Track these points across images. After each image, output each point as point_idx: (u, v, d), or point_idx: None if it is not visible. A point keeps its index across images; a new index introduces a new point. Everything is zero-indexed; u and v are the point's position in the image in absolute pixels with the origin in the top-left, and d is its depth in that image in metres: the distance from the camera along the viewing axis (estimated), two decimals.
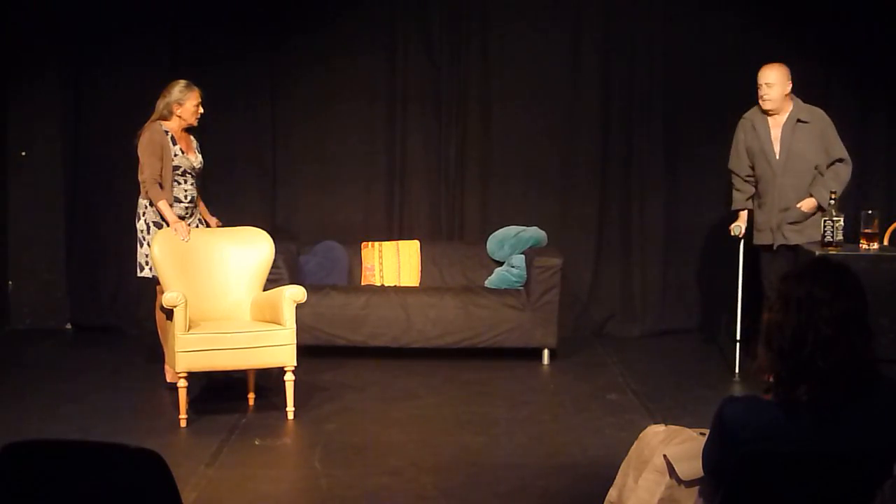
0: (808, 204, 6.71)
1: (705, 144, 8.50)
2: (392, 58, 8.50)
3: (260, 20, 8.43)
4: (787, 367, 2.95)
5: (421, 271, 8.09)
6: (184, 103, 6.65)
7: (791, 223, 6.75)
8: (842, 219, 5.84)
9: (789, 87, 6.81)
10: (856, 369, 2.93)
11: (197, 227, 6.77)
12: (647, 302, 8.63)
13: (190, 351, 5.95)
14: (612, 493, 3.82)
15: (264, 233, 6.69)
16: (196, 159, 6.76)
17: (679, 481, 3.39)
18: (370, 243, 8.15)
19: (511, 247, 8.02)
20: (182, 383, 5.95)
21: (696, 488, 3.34)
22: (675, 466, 3.40)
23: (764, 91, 6.83)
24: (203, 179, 6.97)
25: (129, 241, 7.03)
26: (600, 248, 8.62)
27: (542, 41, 8.49)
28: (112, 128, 8.08)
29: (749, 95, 8.38)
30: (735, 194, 7.15)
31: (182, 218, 6.65)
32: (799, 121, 6.80)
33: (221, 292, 6.48)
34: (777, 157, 6.82)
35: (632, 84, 8.52)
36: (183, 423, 5.96)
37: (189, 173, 6.69)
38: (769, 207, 6.85)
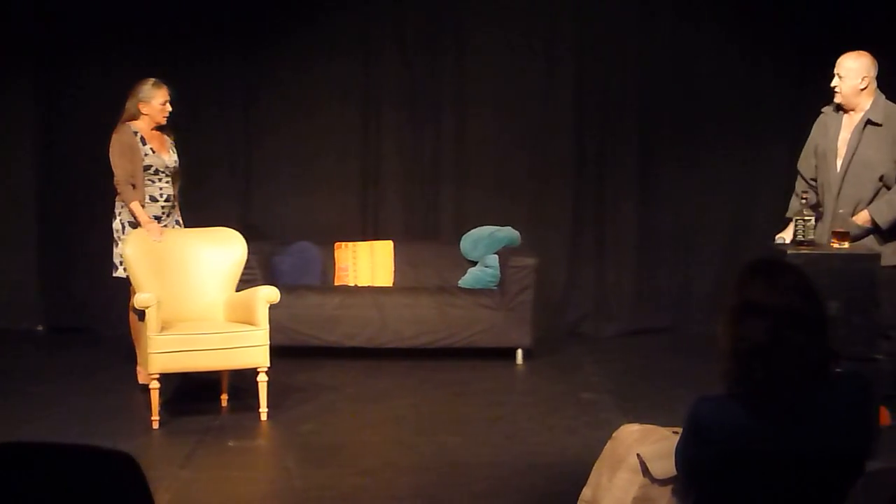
0: (860, 217, 5.83)
1: (678, 146, 8.57)
2: (366, 60, 8.50)
3: (235, 23, 8.38)
4: (732, 377, 2.96)
5: (395, 271, 8.08)
6: (149, 101, 6.63)
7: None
8: (813, 218, 5.80)
9: (867, 81, 5.83)
10: (805, 368, 2.93)
11: (173, 227, 6.76)
12: (621, 302, 8.65)
13: (162, 352, 5.92)
14: (587, 492, 3.82)
15: (237, 233, 6.67)
16: (170, 158, 6.74)
17: (653, 480, 3.40)
18: (344, 244, 8.14)
19: (485, 247, 8.03)
20: (154, 385, 5.92)
21: (670, 487, 3.35)
22: (648, 465, 3.41)
23: (835, 82, 5.89)
24: (182, 179, 6.94)
25: (102, 241, 7.00)
26: (574, 248, 8.64)
27: (517, 43, 8.50)
28: (85, 128, 8.03)
29: (724, 98, 8.49)
30: (793, 200, 6.20)
31: (158, 218, 6.63)
32: (869, 122, 5.85)
33: (195, 293, 6.46)
34: (839, 162, 5.93)
35: (606, 86, 8.54)
36: (155, 425, 5.93)
37: (162, 172, 6.67)
38: (825, 218, 5.97)
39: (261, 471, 5.55)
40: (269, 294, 6.18)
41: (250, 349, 6.07)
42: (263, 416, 6.10)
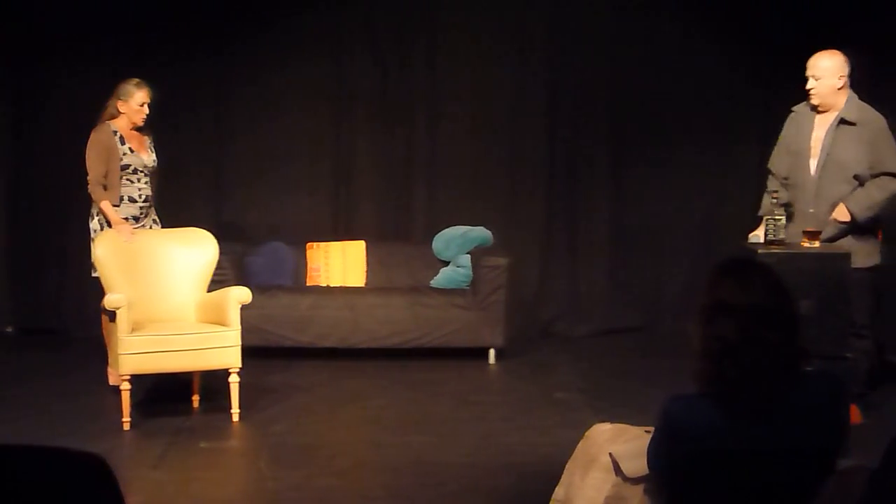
0: (837, 213, 5.80)
1: (651, 146, 8.59)
2: (339, 60, 8.49)
3: (207, 24, 8.34)
4: (704, 377, 2.98)
5: (367, 272, 8.07)
6: (127, 100, 6.61)
7: (824, 241, 5.74)
8: (784, 217, 5.80)
9: (843, 80, 5.82)
10: (777, 367, 2.94)
11: (151, 227, 6.73)
12: (594, 301, 8.67)
13: (133, 353, 5.88)
14: (559, 492, 3.83)
15: (208, 234, 6.64)
16: (149, 158, 6.72)
17: (625, 479, 3.41)
18: (316, 244, 8.12)
19: (458, 246, 8.03)
20: (125, 386, 5.88)
21: (642, 486, 3.36)
22: (620, 464, 3.42)
23: (810, 84, 5.83)
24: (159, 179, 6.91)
25: (74, 241, 6.96)
26: (547, 247, 8.66)
27: (489, 44, 8.51)
28: (57, 127, 8.02)
29: (696, 98, 8.52)
30: (765, 198, 6.07)
31: (136, 218, 6.62)
32: (843, 121, 5.81)
33: (166, 294, 6.43)
34: (813, 162, 5.88)
35: (578, 86, 8.56)
36: (126, 426, 5.89)
37: (141, 171, 6.65)
38: (799, 219, 5.91)
39: (233, 472, 5.53)
40: (240, 294, 6.16)
41: (222, 350, 6.05)
42: (235, 417, 6.07)
